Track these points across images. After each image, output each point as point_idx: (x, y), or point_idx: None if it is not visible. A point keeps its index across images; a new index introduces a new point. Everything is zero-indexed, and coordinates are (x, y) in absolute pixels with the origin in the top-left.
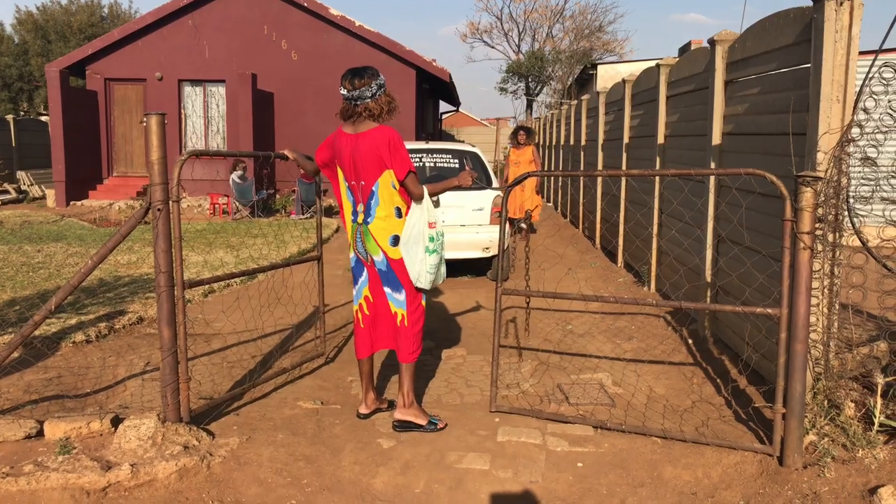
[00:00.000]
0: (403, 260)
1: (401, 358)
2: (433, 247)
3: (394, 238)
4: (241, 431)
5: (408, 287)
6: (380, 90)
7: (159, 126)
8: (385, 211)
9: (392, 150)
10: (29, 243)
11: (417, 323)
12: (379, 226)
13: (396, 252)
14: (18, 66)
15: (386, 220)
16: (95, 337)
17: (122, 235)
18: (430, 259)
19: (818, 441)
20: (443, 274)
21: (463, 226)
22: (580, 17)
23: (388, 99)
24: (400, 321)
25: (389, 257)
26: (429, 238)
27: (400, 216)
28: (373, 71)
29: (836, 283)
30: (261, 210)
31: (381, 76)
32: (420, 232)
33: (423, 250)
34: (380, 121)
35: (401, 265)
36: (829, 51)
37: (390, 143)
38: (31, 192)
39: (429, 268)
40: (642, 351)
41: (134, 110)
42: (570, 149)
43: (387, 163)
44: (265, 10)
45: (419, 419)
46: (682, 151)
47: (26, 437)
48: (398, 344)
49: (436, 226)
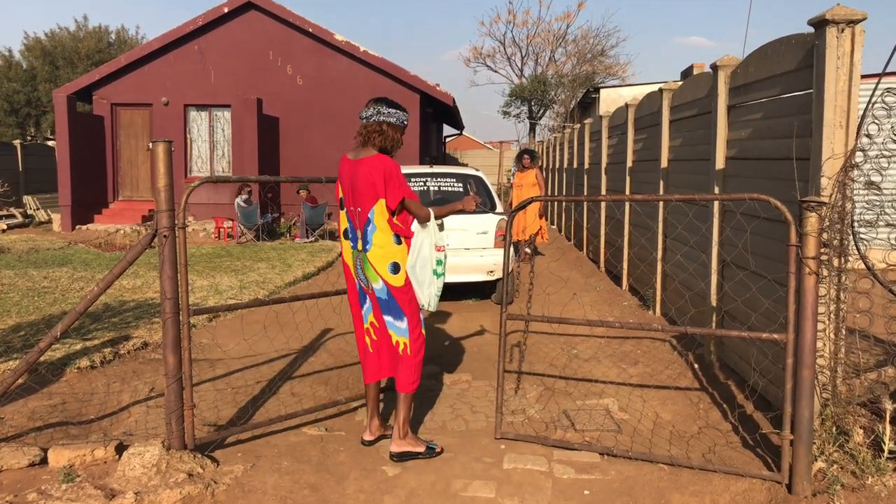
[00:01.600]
0: (411, 284)
1: (399, 387)
2: (441, 270)
3: (393, 265)
4: (246, 458)
5: (409, 315)
6: (376, 115)
7: (166, 153)
8: (382, 238)
9: (386, 179)
10: (35, 268)
11: (419, 352)
12: (377, 253)
13: (397, 279)
14: (26, 91)
15: (384, 248)
16: (100, 362)
17: (127, 262)
18: (438, 282)
19: (827, 468)
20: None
21: (467, 249)
22: (583, 42)
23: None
24: (402, 350)
25: (390, 285)
26: (436, 261)
27: (399, 243)
28: (385, 101)
29: (843, 308)
30: (265, 234)
31: (387, 108)
32: (427, 255)
33: (430, 273)
34: (375, 148)
35: (402, 292)
36: (832, 77)
37: (385, 172)
38: (36, 217)
39: (437, 291)
40: (648, 376)
41: (140, 135)
42: (574, 172)
43: (379, 192)
44: (271, 36)
45: (416, 447)
46: (686, 175)
47: (30, 464)
48: (398, 373)
49: (444, 249)
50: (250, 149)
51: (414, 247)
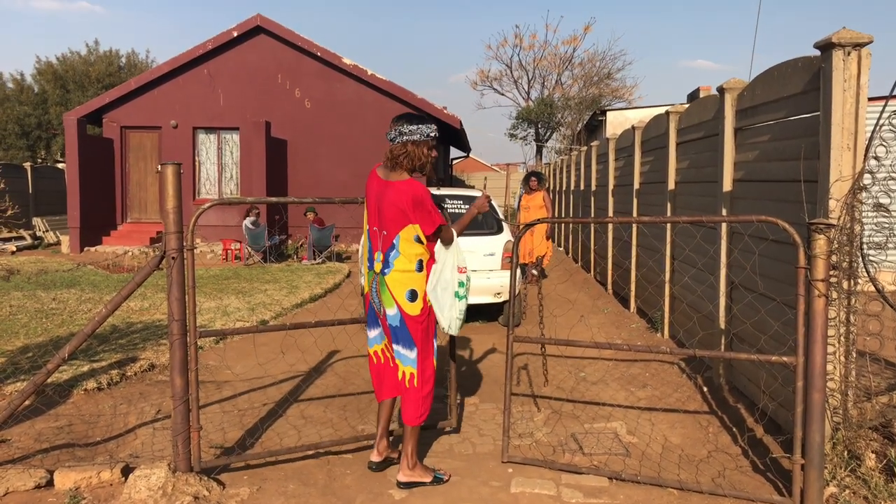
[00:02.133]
0: (427, 313)
1: (406, 420)
2: (463, 292)
3: (411, 293)
4: (252, 481)
5: (420, 345)
6: (399, 136)
7: (175, 176)
8: (405, 264)
9: (416, 206)
10: (43, 290)
11: (427, 383)
12: (396, 278)
13: (414, 307)
14: (37, 114)
15: (404, 274)
16: (107, 384)
17: (136, 284)
18: (460, 305)
19: (839, 493)
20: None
21: (474, 271)
22: (589, 65)
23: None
24: (409, 381)
25: (405, 312)
26: (458, 283)
27: (421, 270)
28: (406, 118)
29: (853, 331)
30: (273, 255)
31: (409, 126)
32: (450, 277)
33: (452, 296)
34: (413, 174)
35: (416, 322)
36: (839, 100)
37: (414, 199)
38: (46, 238)
39: (458, 314)
40: (657, 399)
41: (149, 157)
42: (581, 194)
43: (411, 218)
44: (279, 60)
45: (423, 477)
46: (693, 197)
47: (36, 486)
48: (403, 404)
49: (466, 270)
50: (258, 171)
51: (435, 269)
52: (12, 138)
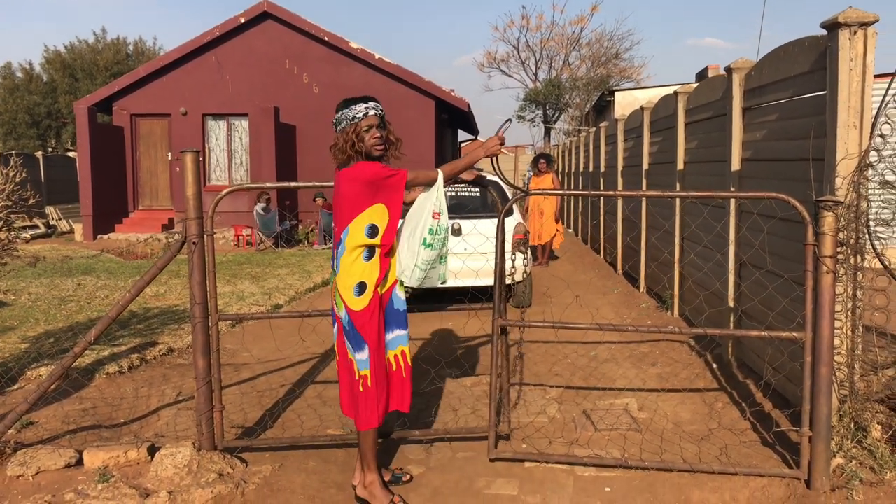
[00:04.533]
0: (374, 307)
1: (359, 424)
2: (430, 240)
3: (359, 286)
4: (274, 459)
5: (370, 340)
6: (336, 126)
7: (194, 163)
8: (351, 258)
9: (372, 183)
10: (60, 277)
11: (381, 382)
12: (342, 277)
13: (360, 301)
14: (47, 103)
15: (351, 267)
16: (128, 368)
17: (158, 269)
18: (424, 253)
19: (846, 464)
20: (441, 275)
21: (484, 253)
22: (596, 45)
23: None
24: (363, 383)
25: (351, 310)
26: (428, 230)
27: (370, 258)
28: (340, 104)
29: (860, 306)
30: (284, 241)
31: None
32: (419, 221)
33: (419, 242)
34: (338, 161)
35: (361, 316)
36: (845, 79)
37: (369, 178)
38: (59, 227)
39: (420, 262)
40: (667, 376)
41: (159, 145)
42: (590, 175)
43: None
44: (287, 45)
45: (376, 502)
46: (702, 177)
47: (66, 465)
48: (357, 408)
49: (440, 217)
50: (268, 157)
51: (411, 209)
52: (23, 127)
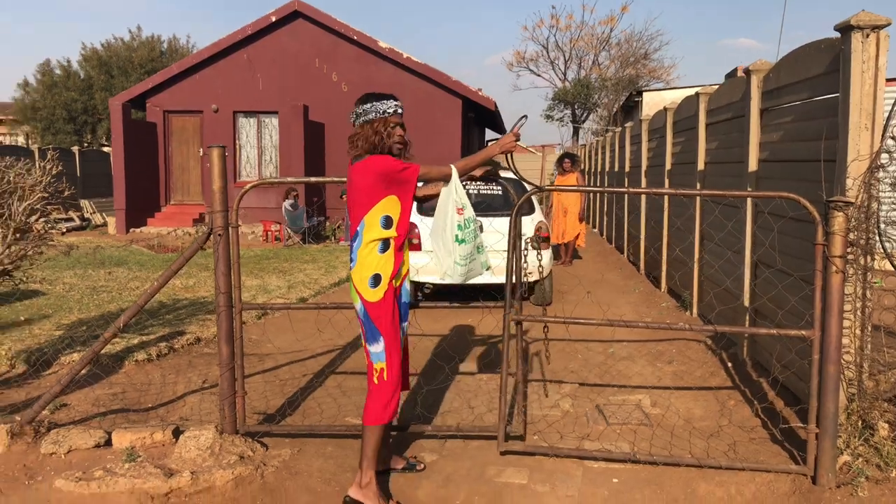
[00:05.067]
0: (389, 299)
1: (366, 418)
2: (462, 236)
3: (374, 278)
4: (293, 444)
5: (385, 333)
6: (356, 118)
7: (220, 158)
8: (367, 251)
9: (385, 175)
10: (93, 268)
11: (395, 376)
12: (358, 269)
13: (376, 293)
14: (83, 100)
15: (367, 258)
16: (156, 356)
17: (185, 259)
18: (460, 249)
19: (852, 461)
20: (484, 263)
21: (506, 251)
22: (626, 45)
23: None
24: (379, 376)
25: (367, 301)
26: (457, 226)
27: (385, 250)
28: (361, 99)
29: (869, 306)
30: (311, 237)
31: (363, 105)
32: (445, 221)
33: (452, 240)
34: (363, 153)
35: (377, 308)
36: (857, 81)
37: (381, 171)
38: (93, 220)
39: (459, 259)
40: (682, 374)
41: (191, 141)
42: (615, 175)
43: (374, 197)
44: (317, 44)
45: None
46: (721, 178)
47: (95, 445)
48: (367, 401)
49: (464, 211)
50: (297, 154)
51: (435, 214)
52: (60, 123)
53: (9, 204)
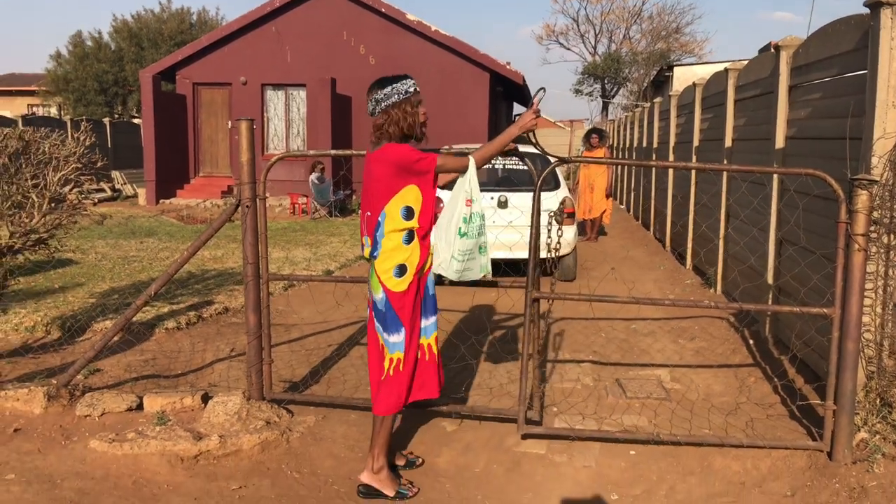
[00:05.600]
0: (412, 289)
1: (377, 409)
2: (465, 229)
3: (399, 268)
4: (318, 411)
5: (408, 325)
6: (377, 106)
7: (248, 130)
8: (391, 242)
9: (404, 166)
10: (124, 238)
11: (410, 366)
12: (383, 259)
13: (401, 283)
14: (114, 71)
15: (392, 252)
16: (185, 324)
17: (214, 229)
18: (459, 243)
19: (869, 438)
20: (484, 266)
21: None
22: (658, 19)
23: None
24: (395, 367)
25: (390, 291)
26: (462, 218)
27: (410, 241)
28: (378, 83)
29: (891, 285)
30: (337, 210)
31: (381, 91)
32: (454, 210)
33: (454, 232)
34: (394, 139)
35: (402, 299)
36: (885, 57)
37: (398, 160)
38: (124, 191)
39: (457, 253)
40: (704, 350)
41: (220, 113)
42: (643, 151)
43: (394, 187)
44: (344, 17)
45: (386, 489)
46: (748, 155)
47: (128, 409)
48: (381, 393)
49: (473, 205)
50: (324, 127)
51: (447, 202)
52: (91, 94)
53: (44, 174)
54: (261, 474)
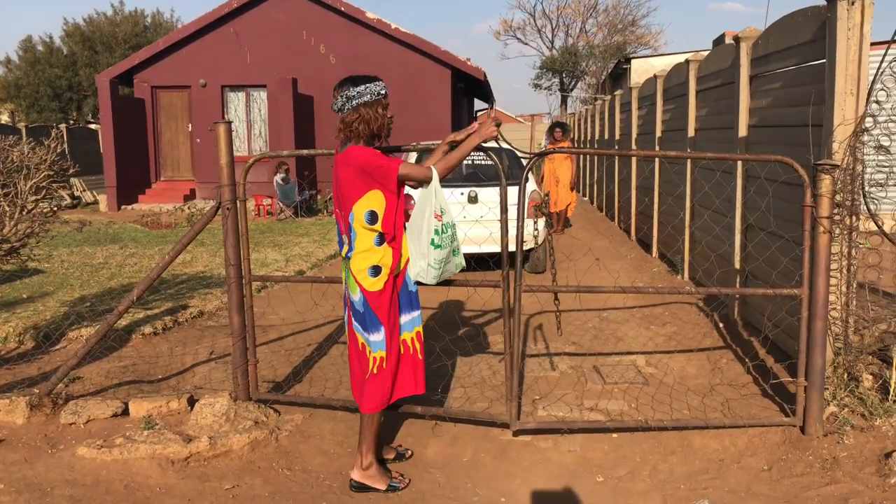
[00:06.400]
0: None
1: (366, 407)
2: (438, 241)
3: (374, 269)
4: (304, 409)
5: (387, 323)
6: (347, 102)
7: (227, 133)
8: (363, 244)
9: (367, 169)
10: (89, 246)
11: (392, 363)
12: (357, 259)
13: (376, 283)
14: (68, 76)
15: (366, 253)
16: (162, 329)
17: (195, 233)
18: (435, 254)
19: (839, 412)
20: (458, 265)
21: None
22: (613, 12)
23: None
24: (379, 365)
25: (367, 291)
26: (434, 231)
27: (381, 244)
28: (350, 81)
29: (854, 264)
30: (303, 210)
31: (355, 88)
32: (424, 222)
33: (427, 243)
34: (359, 141)
35: (379, 298)
36: (843, 47)
37: (363, 164)
38: (84, 198)
39: (433, 262)
40: (675, 335)
41: (180, 116)
42: (605, 143)
43: (360, 188)
44: (304, 16)
45: (377, 483)
46: (712, 144)
47: (113, 415)
48: (366, 392)
49: (443, 217)
50: (287, 128)
51: (414, 211)
52: (45, 100)
53: (14, 182)
54: (252, 473)
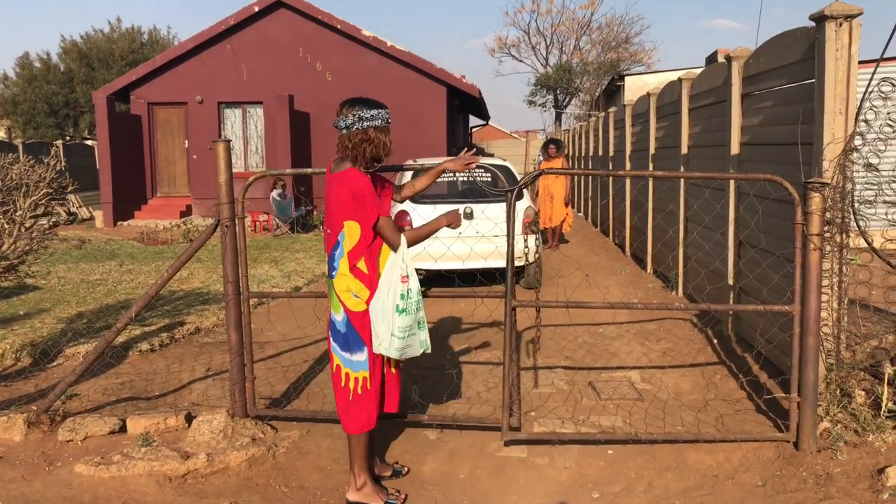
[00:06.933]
0: (374, 326)
1: (350, 428)
2: (403, 305)
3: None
4: (301, 426)
5: (370, 343)
6: (358, 123)
7: (226, 151)
8: (346, 266)
9: (355, 199)
10: (85, 262)
11: (376, 383)
12: (341, 281)
13: (359, 303)
14: (64, 93)
15: (345, 277)
16: (159, 346)
17: (193, 250)
18: (399, 320)
19: (832, 427)
20: (423, 342)
21: (496, 236)
22: (607, 30)
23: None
24: (362, 385)
25: (350, 311)
26: (399, 295)
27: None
28: (364, 102)
29: (845, 281)
30: (299, 226)
31: (369, 111)
32: (388, 287)
33: (392, 309)
34: (356, 164)
35: (363, 319)
36: (831, 68)
37: (355, 192)
38: (80, 214)
39: (396, 331)
40: (670, 351)
41: (176, 133)
42: (599, 160)
43: (348, 212)
44: (300, 33)
45: (374, 501)
46: (704, 161)
47: (111, 432)
48: (349, 413)
49: (408, 280)
50: (283, 144)
51: (380, 283)
52: (41, 117)
53: (13, 200)
54: (250, 490)
